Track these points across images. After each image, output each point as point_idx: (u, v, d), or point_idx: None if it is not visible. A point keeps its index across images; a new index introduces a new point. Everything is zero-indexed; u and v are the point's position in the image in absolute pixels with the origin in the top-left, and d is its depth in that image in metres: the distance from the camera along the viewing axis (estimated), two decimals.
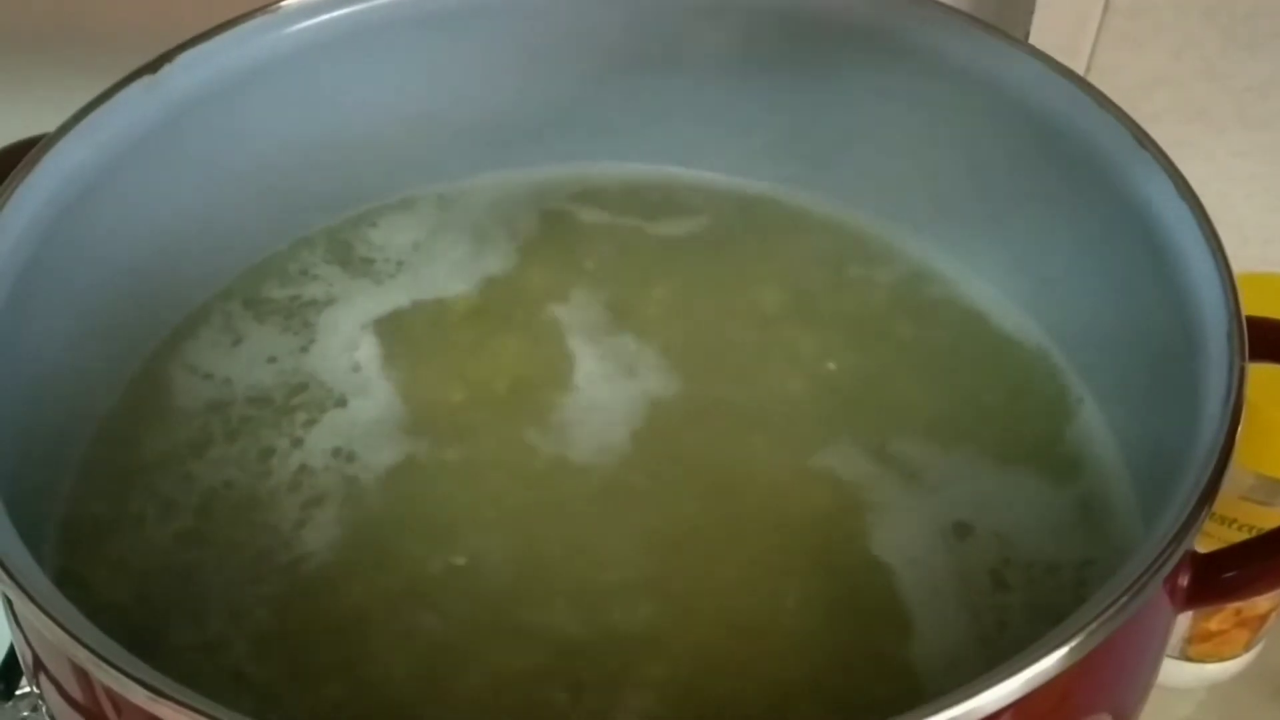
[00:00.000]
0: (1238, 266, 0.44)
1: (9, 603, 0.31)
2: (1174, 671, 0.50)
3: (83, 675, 0.28)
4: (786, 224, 0.44)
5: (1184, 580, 0.30)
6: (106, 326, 0.38)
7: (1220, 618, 0.48)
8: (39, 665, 0.31)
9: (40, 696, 0.32)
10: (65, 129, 0.36)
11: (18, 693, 0.47)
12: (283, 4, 0.39)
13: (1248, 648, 0.50)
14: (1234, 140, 0.54)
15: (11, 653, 0.47)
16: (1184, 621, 0.49)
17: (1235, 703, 0.51)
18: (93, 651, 0.25)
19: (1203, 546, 0.32)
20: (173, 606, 0.34)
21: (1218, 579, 0.31)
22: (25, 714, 0.46)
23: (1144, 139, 0.35)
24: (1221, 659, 0.50)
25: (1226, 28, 0.51)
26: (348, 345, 0.40)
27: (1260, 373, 0.33)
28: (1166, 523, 0.27)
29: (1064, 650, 0.25)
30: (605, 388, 0.39)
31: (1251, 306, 0.32)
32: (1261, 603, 0.48)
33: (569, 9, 0.42)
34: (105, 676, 0.25)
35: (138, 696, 0.25)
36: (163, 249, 0.39)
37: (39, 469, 0.35)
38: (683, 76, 0.43)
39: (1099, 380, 0.39)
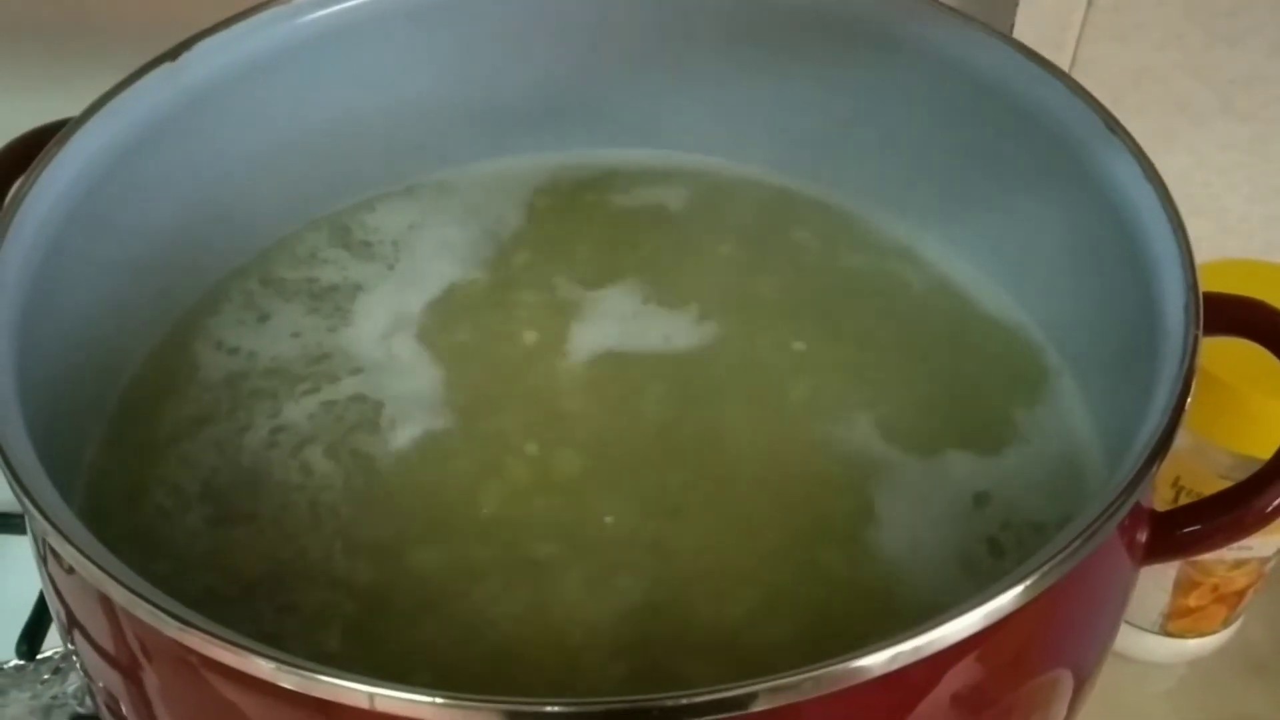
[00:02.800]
0: (1221, 255, 0.45)
1: (43, 561, 0.32)
2: (1154, 646, 0.50)
3: (114, 622, 0.28)
4: (777, 206, 0.45)
5: (1142, 536, 0.31)
6: (129, 300, 0.39)
7: (1198, 593, 0.48)
8: (72, 621, 0.31)
9: (74, 653, 0.32)
10: (90, 113, 0.37)
11: (39, 656, 0.47)
12: None
13: (1226, 623, 0.50)
14: (1217, 132, 0.54)
15: (35, 615, 0.48)
16: (1163, 597, 0.49)
17: (1214, 678, 0.51)
18: (122, 584, 0.26)
19: None
20: (194, 572, 0.35)
21: (1175, 535, 0.32)
22: (46, 676, 0.47)
23: (1114, 125, 0.36)
24: (1200, 634, 0.50)
25: (1208, 22, 0.51)
26: (366, 321, 0.41)
27: (1237, 353, 0.34)
28: (1120, 474, 0.28)
29: (1019, 588, 0.25)
30: (605, 368, 0.40)
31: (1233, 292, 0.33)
32: (1239, 579, 0.48)
33: None
34: (137, 609, 0.25)
35: (170, 629, 0.25)
36: (181, 227, 0.40)
37: (65, 440, 0.35)
38: (676, 64, 0.44)
39: (1074, 353, 0.39)
